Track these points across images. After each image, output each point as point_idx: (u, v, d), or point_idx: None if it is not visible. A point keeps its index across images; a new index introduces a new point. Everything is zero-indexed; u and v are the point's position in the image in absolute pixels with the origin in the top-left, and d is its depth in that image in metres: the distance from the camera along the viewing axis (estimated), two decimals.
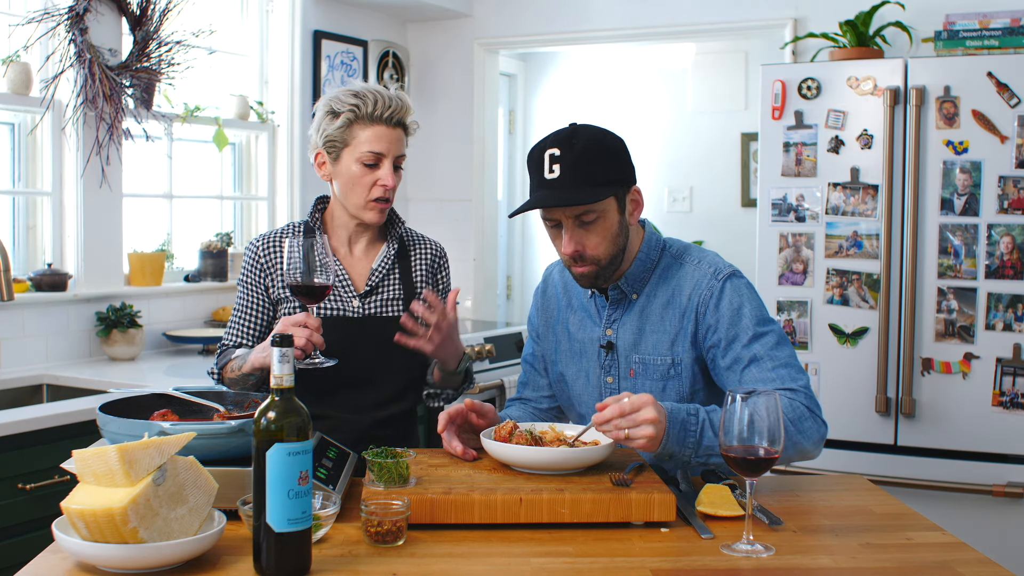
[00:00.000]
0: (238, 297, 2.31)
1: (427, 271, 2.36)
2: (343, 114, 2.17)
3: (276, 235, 2.30)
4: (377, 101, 2.18)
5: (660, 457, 1.82)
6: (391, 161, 2.20)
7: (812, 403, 1.90)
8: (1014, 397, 3.24)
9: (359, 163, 2.18)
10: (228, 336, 2.30)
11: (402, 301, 2.29)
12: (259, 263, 2.27)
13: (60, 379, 3.18)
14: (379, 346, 2.20)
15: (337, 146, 2.20)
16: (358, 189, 2.20)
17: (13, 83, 3.27)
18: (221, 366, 2.25)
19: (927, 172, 3.32)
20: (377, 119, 2.18)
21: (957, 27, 3.49)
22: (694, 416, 1.82)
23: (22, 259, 3.45)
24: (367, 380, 2.21)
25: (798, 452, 1.89)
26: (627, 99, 5.80)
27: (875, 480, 2.68)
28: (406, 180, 5.01)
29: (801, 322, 3.47)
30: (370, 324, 2.24)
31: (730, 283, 2.00)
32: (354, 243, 2.30)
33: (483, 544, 1.60)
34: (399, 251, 2.33)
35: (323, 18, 4.42)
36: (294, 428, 1.43)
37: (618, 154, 1.98)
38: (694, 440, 1.80)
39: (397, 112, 2.20)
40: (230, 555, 1.51)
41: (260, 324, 2.28)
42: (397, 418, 2.29)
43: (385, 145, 2.18)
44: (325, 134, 2.20)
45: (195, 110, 3.84)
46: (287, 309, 2.25)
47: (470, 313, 4.95)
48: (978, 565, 1.55)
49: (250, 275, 2.29)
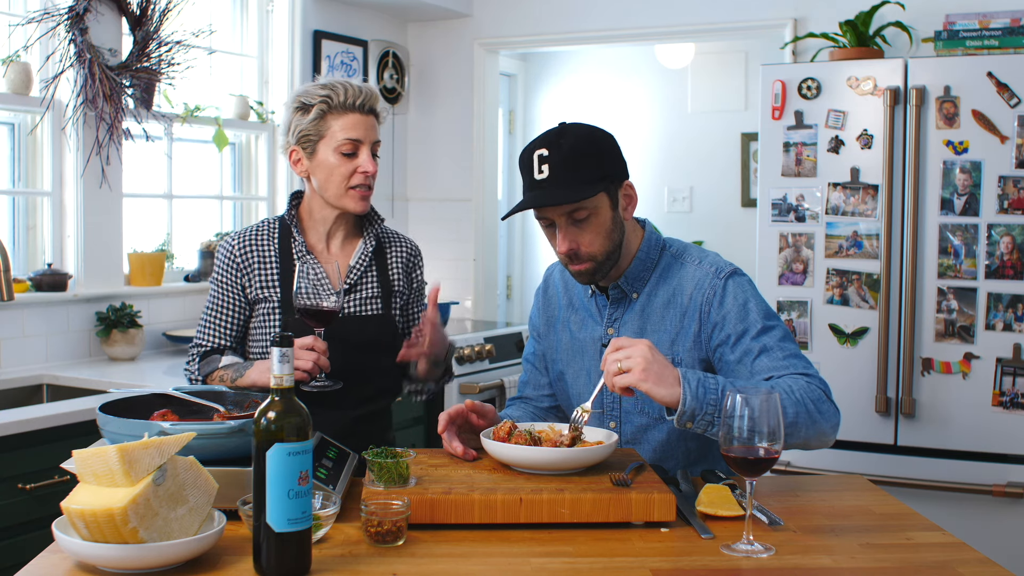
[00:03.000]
0: (212, 296, 2.27)
1: (403, 269, 2.37)
2: (315, 107, 2.17)
3: (251, 232, 2.28)
4: (347, 89, 2.19)
5: (682, 420, 1.76)
6: (369, 147, 2.21)
7: (827, 389, 1.90)
8: (1014, 397, 3.24)
9: (337, 153, 2.18)
10: (203, 337, 2.26)
11: (380, 300, 2.30)
12: (235, 262, 2.25)
13: (60, 379, 3.18)
14: (357, 345, 2.20)
15: (312, 140, 2.19)
16: (338, 179, 2.19)
17: (13, 83, 3.27)
18: (206, 374, 2.21)
19: (927, 172, 3.32)
20: (350, 107, 2.19)
21: (957, 27, 3.49)
22: (712, 378, 1.79)
23: (22, 259, 3.45)
24: (345, 378, 2.16)
25: (818, 434, 1.86)
26: (627, 99, 5.80)
27: (875, 480, 2.68)
28: (406, 180, 5.02)
29: (801, 322, 3.47)
30: (349, 323, 2.24)
31: (732, 281, 2.01)
32: (331, 239, 2.29)
33: (483, 544, 1.60)
34: (375, 249, 2.33)
35: (323, 18, 4.42)
36: (294, 428, 1.43)
37: (607, 150, 1.98)
38: (715, 397, 1.76)
39: (368, 99, 2.21)
40: (230, 555, 1.51)
41: (237, 324, 2.26)
42: (375, 415, 2.31)
43: (362, 131, 2.19)
44: (298, 130, 2.20)
45: (195, 110, 3.84)
46: (266, 309, 2.23)
47: (470, 313, 4.95)
48: (978, 565, 1.55)
49: (226, 274, 2.25)
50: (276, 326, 2.23)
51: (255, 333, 2.27)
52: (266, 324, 2.25)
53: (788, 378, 1.88)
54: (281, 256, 2.25)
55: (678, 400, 1.75)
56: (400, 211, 4.98)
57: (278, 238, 2.27)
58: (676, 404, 1.75)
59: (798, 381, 1.86)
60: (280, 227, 2.29)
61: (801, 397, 1.83)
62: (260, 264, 2.25)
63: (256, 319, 2.26)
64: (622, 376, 1.75)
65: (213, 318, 2.26)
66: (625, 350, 1.76)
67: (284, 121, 2.24)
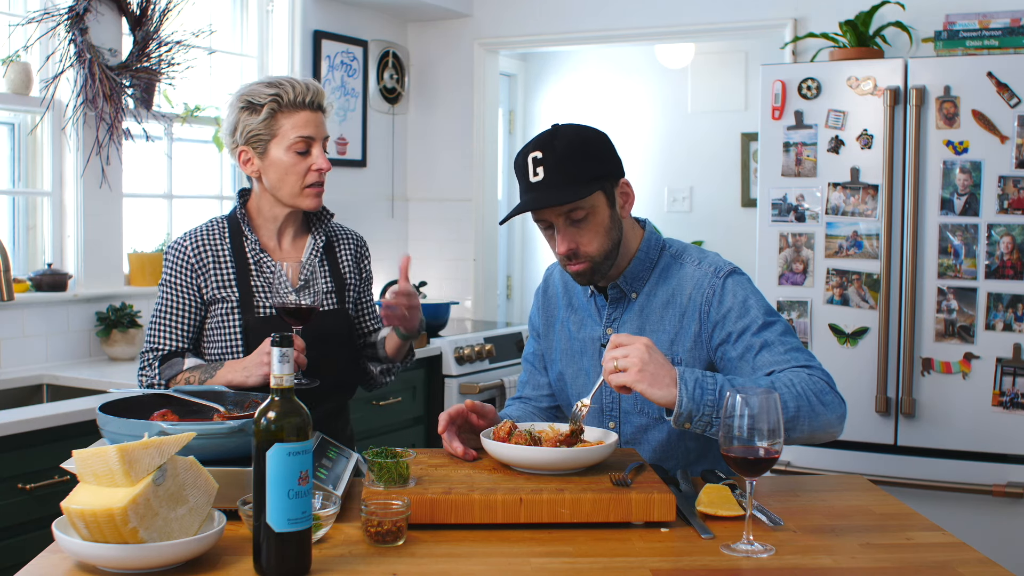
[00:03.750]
0: (162, 298, 2.23)
1: (353, 261, 2.39)
2: (265, 106, 2.16)
3: (202, 232, 2.26)
4: (295, 87, 2.18)
5: (680, 421, 1.76)
6: (321, 144, 2.20)
7: (830, 380, 1.89)
8: (1014, 397, 3.24)
9: (290, 151, 2.17)
10: (157, 341, 2.22)
11: (334, 295, 2.31)
12: (189, 263, 2.22)
13: (60, 379, 3.18)
14: (317, 340, 2.18)
15: (263, 139, 2.18)
16: (291, 178, 2.19)
17: (13, 83, 3.27)
18: (169, 378, 2.18)
19: (927, 172, 3.32)
20: (300, 105, 2.18)
21: (957, 27, 3.49)
22: (711, 377, 1.79)
23: (22, 259, 3.45)
24: (309, 375, 2.14)
25: (822, 426, 1.85)
26: (627, 99, 5.80)
27: (875, 480, 2.68)
28: (406, 180, 5.02)
29: (801, 322, 3.47)
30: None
31: (732, 279, 2.01)
32: (283, 236, 2.29)
33: (483, 544, 1.60)
34: (325, 244, 2.34)
35: (323, 18, 4.42)
36: (294, 428, 1.43)
37: (600, 149, 1.98)
38: (713, 398, 1.75)
39: (316, 95, 2.20)
40: (230, 555, 1.51)
41: (192, 326, 2.23)
42: (338, 412, 2.33)
43: (313, 128, 2.19)
44: (248, 130, 2.18)
45: (195, 110, 3.84)
46: (224, 309, 2.22)
47: (470, 313, 4.95)
48: (978, 565, 1.55)
49: (179, 275, 2.22)
50: (236, 326, 2.21)
51: (212, 334, 2.24)
52: (224, 324, 2.22)
53: (789, 372, 1.87)
54: (235, 256, 2.24)
55: (674, 401, 1.75)
56: (400, 211, 4.98)
57: (229, 237, 2.26)
58: (672, 405, 1.75)
59: (799, 374, 1.86)
60: (230, 226, 2.27)
61: (802, 390, 1.83)
62: (215, 264, 2.23)
63: (212, 319, 2.23)
64: (618, 375, 1.75)
65: (168, 321, 2.22)
66: (623, 348, 1.76)
67: (228, 122, 2.21)
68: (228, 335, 2.22)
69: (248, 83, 2.24)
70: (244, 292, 2.22)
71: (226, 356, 2.22)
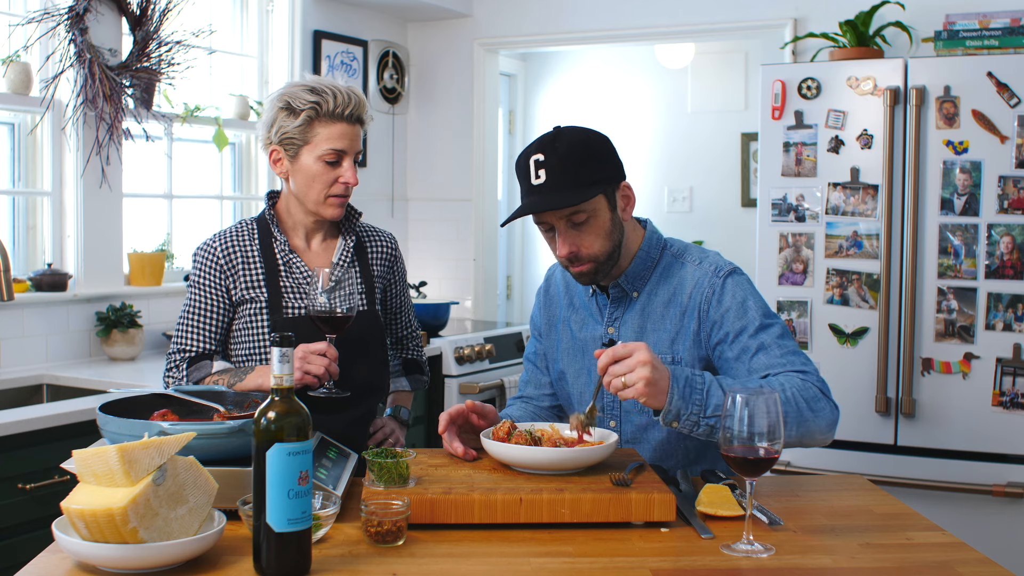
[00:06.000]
0: (191, 299, 2.23)
1: (384, 264, 2.37)
2: (303, 112, 2.14)
3: (231, 234, 2.25)
4: (336, 97, 2.15)
5: (667, 419, 1.78)
6: (352, 158, 2.19)
7: (824, 386, 1.90)
8: (1014, 397, 3.23)
9: (320, 161, 2.16)
10: (185, 341, 2.22)
11: (364, 296, 2.29)
12: (219, 264, 2.22)
13: (60, 379, 3.18)
14: (348, 342, 2.17)
15: (296, 144, 2.17)
16: (317, 186, 2.18)
17: (13, 83, 3.27)
18: (196, 381, 2.18)
19: (927, 172, 3.32)
20: (338, 116, 2.15)
21: (957, 27, 3.49)
22: (700, 376, 1.80)
23: (22, 259, 3.45)
24: (341, 379, 2.13)
25: (810, 432, 1.86)
26: (627, 99, 5.80)
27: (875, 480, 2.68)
28: (406, 180, 5.02)
29: (801, 322, 3.47)
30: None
31: (731, 279, 2.01)
32: (312, 238, 2.29)
33: (483, 544, 1.60)
34: (356, 245, 2.33)
35: (323, 18, 4.42)
36: (294, 428, 1.43)
37: (602, 152, 1.98)
38: (700, 398, 1.77)
39: (356, 108, 2.18)
40: (230, 555, 1.51)
41: (220, 327, 2.23)
42: (365, 419, 2.30)
43: (347, 142, 2.17)
44: (283, 132, 2.17)
45: (195, 110, 3.84)
46: (252, 310, 2.21)
47: (470, 313, 4.95)
48: (978, 565, 1.55)
49: (209, 276, 2.22)
50: (265, 327, 2.20)
51: (240, 335, 2.24)
52: (253, 325, 2.22)
53: (783, 376, 1.88)
54: (264, 256, 2.23)
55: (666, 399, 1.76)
56: (400, 211, 4.98)
57: (258, 238, 2.25)
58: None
59: (792, 379, 1.87)
60: (259, 227, 2.26)
61: (792, 395, 1.83)
62: (244, 265, 2.22)
63: (240, 320, 2.23)
64: (625, 391, 1.75)
65: (196, 321, 2.22)
66: (625, 362, 1.75)
67: (267, 116, 2.20)
68: (256, 335, 2.21)
69: (293, 82, 2.23)
70: (273, 293, 2.21)
71: (253, 357, 2.21)
